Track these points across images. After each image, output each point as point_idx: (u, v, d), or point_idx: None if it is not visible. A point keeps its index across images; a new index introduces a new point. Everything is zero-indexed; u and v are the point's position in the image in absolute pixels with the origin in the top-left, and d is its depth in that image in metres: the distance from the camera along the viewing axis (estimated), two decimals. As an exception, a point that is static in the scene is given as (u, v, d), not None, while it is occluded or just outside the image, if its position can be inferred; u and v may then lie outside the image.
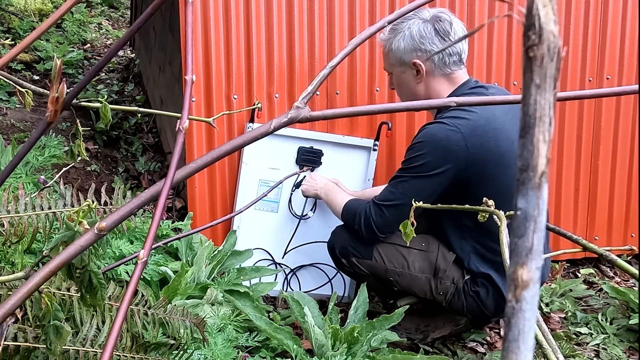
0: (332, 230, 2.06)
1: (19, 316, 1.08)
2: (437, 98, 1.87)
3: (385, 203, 1.87)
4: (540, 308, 2.29)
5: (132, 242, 1.85)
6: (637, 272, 0.82)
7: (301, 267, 2.31)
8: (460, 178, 1.80)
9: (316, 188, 2.19)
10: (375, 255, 1.95)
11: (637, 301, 2.27)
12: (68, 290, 1.17)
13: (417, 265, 1.93)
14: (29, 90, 1.04)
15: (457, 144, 1.76)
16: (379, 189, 2.01)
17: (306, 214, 2.30)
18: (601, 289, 2.49)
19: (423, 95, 1.91)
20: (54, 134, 2.53)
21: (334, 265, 2.27)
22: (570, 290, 2.45)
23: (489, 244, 1.86)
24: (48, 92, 0.74)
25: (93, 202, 0.77)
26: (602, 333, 2.22)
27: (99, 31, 5.09)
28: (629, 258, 2.63)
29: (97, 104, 1.04)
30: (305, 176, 2.28)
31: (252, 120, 2.26)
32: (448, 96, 1.89)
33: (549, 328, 2.11)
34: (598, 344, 2.16)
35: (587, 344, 2.17)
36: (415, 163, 1.82)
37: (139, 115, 3.23)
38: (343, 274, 2.21)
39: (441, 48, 1.82)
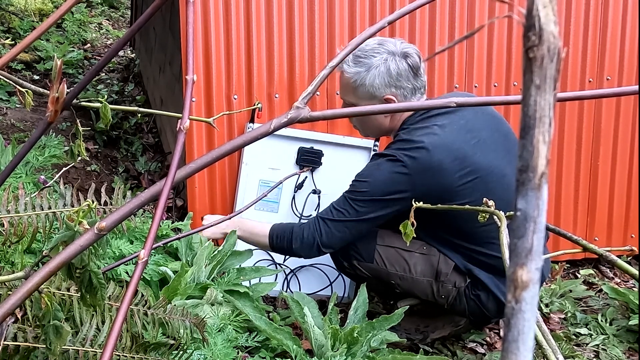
0: None
1: (19, 316, 1.08)
2: (399, 126, 1.90)
3: (332, 219, 1.88)
4: (540, 309, 2.29)
5: (132, 242, 1.85)
6: (637, 272, 0.82)
7: (301, 267, 2.31)
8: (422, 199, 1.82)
9: (223, 227, 2.04)
10: (377, 259, 1.96)
11: (637, 302, 2.27)
12: (68, 290, 1.17)
13: (419, 268, 1.94)
14: (29, 90, 1.04)
15: (402, 187, 1.79)
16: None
17: (310, 214, 2.30)
18: (601, 290, 2.49)
19: (388, 125, 1.93)
20: (54, 133, 2.53)
21: (333, 266, 2.27)
22: (570, 291, 2.45)
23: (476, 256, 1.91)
24: (48, 92, 0.74)
25: (93, 202, 0.77)
26: (602, 334, 2.22)
27: (99, 31, 5.08)
28: (628, 259, 2.63)
29: (97, 104, 1.04)
30: (307, 176, 2.28)
31: (252, 121, 2.26)
32: (405, 119, 1.90)
33: (548, 329, 2.11)
34: (598, 345, 2.16)
35: (587, 344, 2.17)
36: (361, 192, 1.84)
37: (139, 115, 3.23)
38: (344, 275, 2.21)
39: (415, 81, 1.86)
